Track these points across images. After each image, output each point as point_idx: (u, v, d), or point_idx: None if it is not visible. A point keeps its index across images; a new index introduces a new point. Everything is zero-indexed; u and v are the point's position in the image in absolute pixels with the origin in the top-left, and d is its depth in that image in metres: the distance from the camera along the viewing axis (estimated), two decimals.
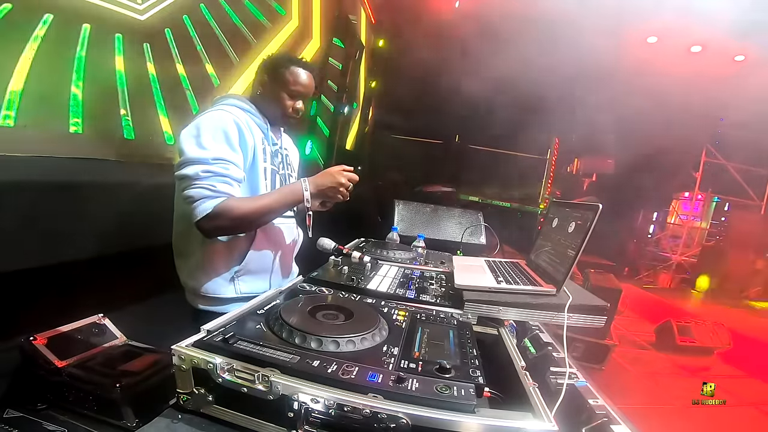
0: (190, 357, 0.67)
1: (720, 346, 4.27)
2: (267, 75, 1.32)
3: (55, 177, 1.51)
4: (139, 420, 0.97)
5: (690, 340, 4.19)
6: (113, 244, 1.64)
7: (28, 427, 0.97)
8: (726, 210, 8.96)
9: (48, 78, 1.52)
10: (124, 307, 1.51)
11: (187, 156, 1.11)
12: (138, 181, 1.77)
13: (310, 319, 0.85)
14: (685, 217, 9.17)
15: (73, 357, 1.10)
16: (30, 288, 1.33)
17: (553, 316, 1.02)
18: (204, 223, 1.11)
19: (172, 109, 2.12)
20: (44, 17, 1.48)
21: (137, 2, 1.87)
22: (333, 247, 1.45)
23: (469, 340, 0.87)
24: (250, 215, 1.16)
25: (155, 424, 0.67)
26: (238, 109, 1.26)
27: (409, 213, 2.52)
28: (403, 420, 0.58)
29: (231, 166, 1.14)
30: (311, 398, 0.62)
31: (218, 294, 1.24)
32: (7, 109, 1.39)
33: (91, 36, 1.65)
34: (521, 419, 0.62)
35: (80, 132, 1.66)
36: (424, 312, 1.01)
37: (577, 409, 0.80)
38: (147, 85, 1.98)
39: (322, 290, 1.13)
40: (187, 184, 1.10)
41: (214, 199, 1.10)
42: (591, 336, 3.51)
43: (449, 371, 0.70)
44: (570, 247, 1.14)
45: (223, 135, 1.15)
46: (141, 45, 1.93)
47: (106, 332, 1.25)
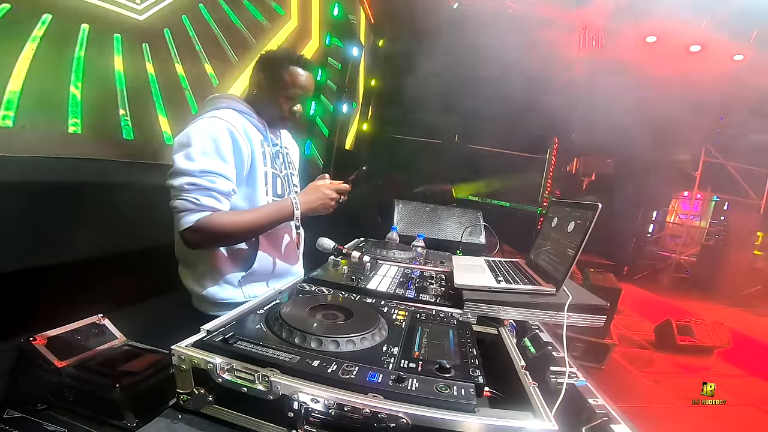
0: (189, 357, 0.67)
1: (720, 346, 4.27)
2: (264, 75, 1.28)
3: (54, 177, 1.51)
4: (139, 420, 0.97)
5: (690, 339, 4.20)
6: (113, 244, 1.64)
7: (28, 427, 0.97)
8: (725, 209, 8.97)
9: (47, 78, 1.52)
10: (124, 307, 1.50)
11: (175, 166, 1.11)
12: (137, 181, 1.77)
13: (310, 319, 0.85)
14: (685, 216, 9.19)
15: (73, 357, 1.09)
16: (29, 288, 1.33)
17: (553, 315, 1.02)
18: (186, 235, 1.11)
19: (171, 109, 2.12)
20: (43, 17, 1.48)
21: (136, 2, 1.87)
22: (333, 247, 1.45)
23: (469, 339, 0.87)
24: (233, 232, 1.17)
25: (155, 424, 0.67)
26: (234, 113, 1.22)
27: (408, 213, 2.51)
28: (403, 420, 0.58)
29: (219, 179, 1.12)
30: (311, 398, 0.62)
31: (227, 299, 1.24)
32: (5, 110, 1.39)
33: (90, 36, 1.65)
34: (521, 419, 0.62)
35: (79, 132, 1.66)
36: (424, 312, 1.01)
37: (577, 409, 0.80)
38: (146, 85, 1.98)
39: (322, 290, 1.13)
40: (174, 194, 1.11)
41: (197, 213, 1.09)
42: (591, 335, 3.51)
43: (449, 371, 0.70)
44: (569, 247, 1.14)
45: (213, 145, 1.13)
46: (140, 45, 1.92)
47: (106, 332, 1.25)
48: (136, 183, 1.76)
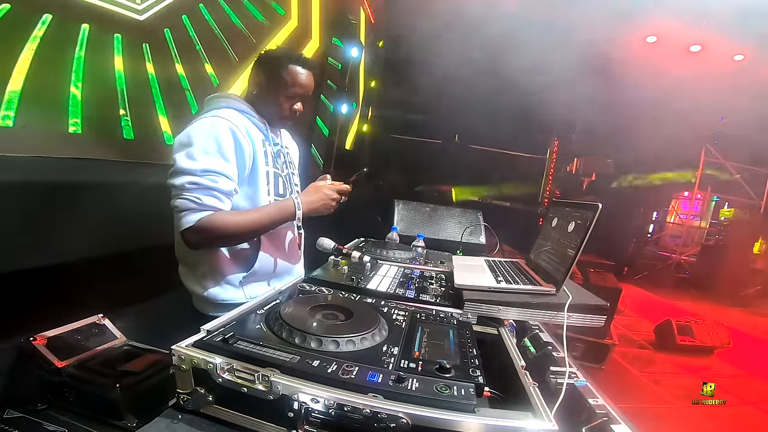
0: (190, 357, 0.67)
1: (720, 346, 4.27)
2: (263, 74, 1.27)
3: (54, 177, 1.51)
4: (139, 420, 0.97)
5: (690, 339, 4.20)
6: (113, 244, 1.64)
7: (28, 427, 0.97)
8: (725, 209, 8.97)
9: (47, 78, 1.52)
10: (124, 307, 1.51)
11: (176, 166, 1.10)
12: (137, 181, 1.77)
13: (310, 319, 0.85)
14: (685, 216, 9.19)
15: (73, 357, 1.09)
16: (30, 288, 1.33)
17: (553, 315, 1.02)
18: (187, 235, 1.10)
19: (171, 109, 2.12)
20: (43, 17, 1.48)
21: (136, 2, 1.87)
22: (333, 246, 1.45)
23: (469, 339, 0.87)
24: (235, 232, 1.16)
25: (155, 424, 0.67)
26: (235, 112, 1.21)
27: (408, 213, 2.51)
28: (403, 420, 0.58)
29: (220, 179, 1.12)
30: (311, 398, 0.62)
31: (228, 300, 1.23)
32: (6, 110, 1.39)
33: (91, 36, 1.65)
34: (521, 419, 0.62)
35: (79, 132, 1.66)
36: (424, 312, 1.01)
37: (577, 409, 0.80)
38: (146, 85, 1.98)
39: (322, 290, 1.13)
40: (175, 193, 1.10)
41: (198, 212, 1.09)
42: (591, 335, 3.51)
43: (449, 371, 0.70)
44: (570, 247, 1.14)
45: (215, 145, 1.12)
46: (140, 45, 1.92)
47: (106, 332, 1.25)
48: (136, 183, 1.76)
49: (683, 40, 5.71)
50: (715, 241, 8.46)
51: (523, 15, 4.80)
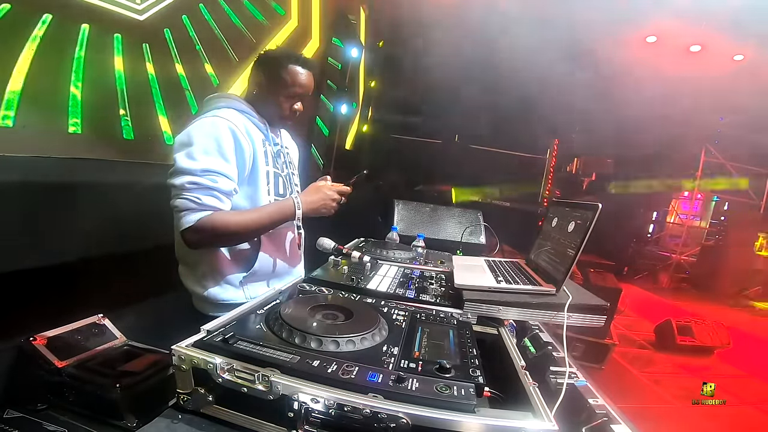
0: (190, 357, 0.67)
1: (720, 346, 4.27)
2: (263, 74, 1.28)
3: (54, 177, 1.51)
4: (139, 420, 0.97)
5: (690, 339, 4.20)
6: (113, 244, 1.64)
7: (28, 427, 0.97)
8: (725, 209, 8.98)
9: (47, 78, 1.52)
10: (124, 307, 1.50)
11: (176, 165, 1.10)
12: (137, 181, 1.77)
13: (310, 319, 0.85)
14: (685, 216, 9.19)
15: (73, 357, 1.09)
16: (30, 288, 1.33)
17: (553, 315, 1.02)
18: (187, 234, 1.10)
19: (171, 109, 2.12)
20: (43, 17, 1.48)
21: (136, 2, 1.87)
22: (333, 246, 1.45)
23: (469, 339, 0.87)
24: (235, 232, 1.16)
25: (155, 424, 0.67)
26: (235, 112, 1.22)
27: (408, 213, 2.51)
28: (403, 420, 0.58)
29: (220, 179, 1.12)
30: (311, 398, 0.62)
31: (228, 300, 1.24)
32: (6, 110, 1.39)
33: (90, 36, 1.65)
34: (521, 419, 0.62)
35: (79, 132, 1.66)
36: (424, 312, 1.01)
37: (577, 409, 0.80)
38: (146, 85, 1.98)
39: (322, 290, 1.13)
40: (175, 193, 1.10)
41: (198, 212, 1.09)
42: (591, 335, 3.51)
43: (449, 371, 0.70)
44: (570, 247, 1.14)
45: (215, 144, 1.12)
46: (140, 45, 1.92)
47: (106, 332, 1.25)
48: (136, 183, 1.76)
49: (683, 41, 5.71)
50: (715, 241, 8.47)
51: (523, 15, 4.80)
